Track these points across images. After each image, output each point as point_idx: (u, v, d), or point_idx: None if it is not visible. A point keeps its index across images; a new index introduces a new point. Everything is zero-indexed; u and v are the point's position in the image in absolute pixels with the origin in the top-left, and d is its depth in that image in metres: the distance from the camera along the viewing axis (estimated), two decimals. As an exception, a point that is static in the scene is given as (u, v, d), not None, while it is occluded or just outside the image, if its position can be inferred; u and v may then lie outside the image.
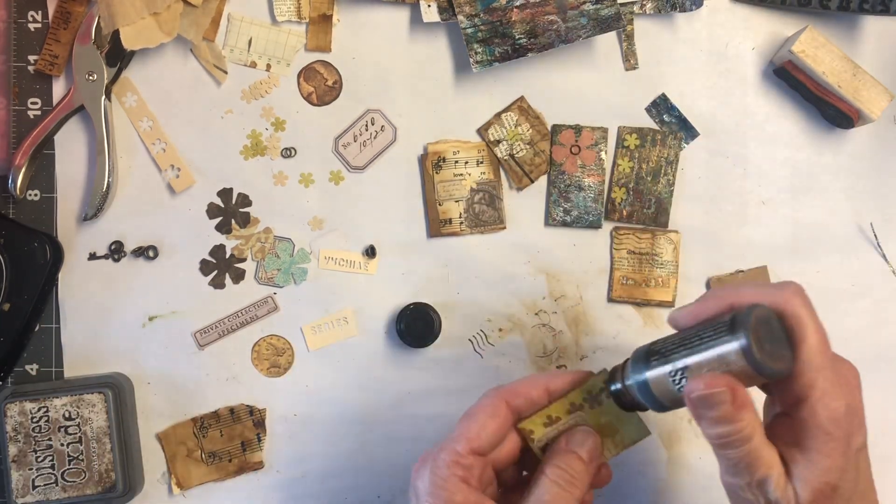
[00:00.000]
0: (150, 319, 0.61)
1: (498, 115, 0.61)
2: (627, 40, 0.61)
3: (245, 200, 0.61)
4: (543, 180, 0.62)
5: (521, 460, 0.47)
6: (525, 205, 0.62)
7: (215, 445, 0.61)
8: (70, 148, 0.60)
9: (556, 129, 0.61)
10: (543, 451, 0.46)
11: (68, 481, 0.57)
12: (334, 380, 0.61)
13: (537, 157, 0.61)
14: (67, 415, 0.57)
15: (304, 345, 0.61)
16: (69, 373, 0.60)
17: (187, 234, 0.61)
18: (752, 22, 0.61)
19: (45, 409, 0.57)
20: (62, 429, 0.57)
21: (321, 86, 0.61)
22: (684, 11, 0.60)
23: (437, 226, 0.61)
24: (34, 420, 0.57)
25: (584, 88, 0.61)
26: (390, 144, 0.61)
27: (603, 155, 0.61)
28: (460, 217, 0.61)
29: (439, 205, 0.61)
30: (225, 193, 0.61)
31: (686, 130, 0.61)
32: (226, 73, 0.60)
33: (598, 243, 0.62)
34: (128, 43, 0.57)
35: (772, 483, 0.39)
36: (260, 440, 0.61)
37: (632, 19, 0.61)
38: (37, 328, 0.60)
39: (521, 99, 0.61)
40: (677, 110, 0.61)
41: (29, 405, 0.57)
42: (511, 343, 0.62)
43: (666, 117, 0.61)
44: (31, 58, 0.59)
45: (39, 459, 0.57)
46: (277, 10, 0.60)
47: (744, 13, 0.61)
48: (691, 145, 0.62)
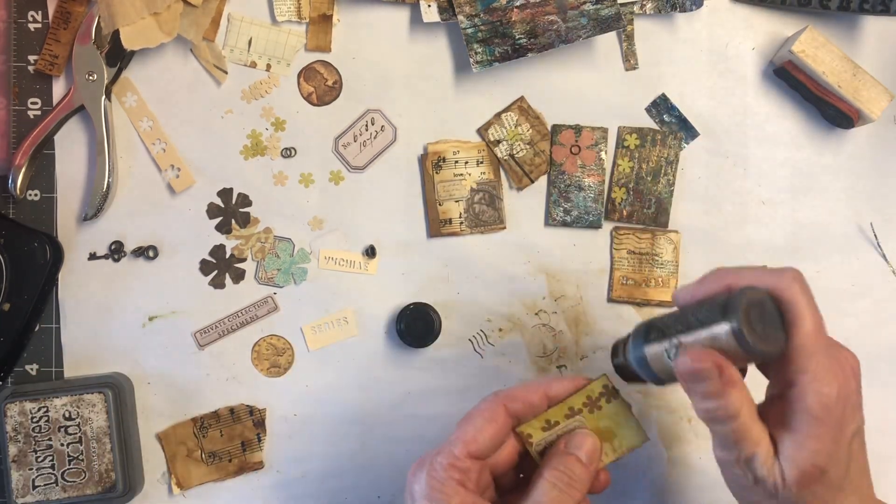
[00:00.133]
0: (150, 319, 0.61)
1: (498, 115, 0.61)
2: (627, 40, 0.61)
3: (245, 200, 0.61)
4: (543, 180, 0.62)
5: (519, 465, 0.47)
6: (525, 205, 0.62)
7: (215, 445, 0.61)
8: (70, 148, 0.60)
9: (556, 129, 0.61)
10: (541, 456, 0.46)
11: (68, 481, 0.57)
12: (334, 380, 0.61)
13: (537, 157, 0.61)
14: (67, 415, 0.57)
15: (304, 345, 0.61)
16: (69, 373, 0.60)
17: (187, 234, 0.61)
18: (752, 22, 0.61)
19: (45, 409, 0.57)
20: (62, 429, 0.57)
21: (321, 86, 0.61)
22: (684, 11, 0.60)
23: (437, 226, 0.61)
24: (34, 420, 0.57)
25: (584, 88, 0.61)
26: (390, 144, 0.61)
27: (603, 155, 0.61)
28: (460, 217, 0.61)
29: (439, 205, 0.61)
30: (225, 193, 0.61)
31: (686, 130, 0.61)
32: (226, 73, 0.60)
33: (598, 243, 0.62)
34: (128, 43, 0.57)
35: (759, 459, 0.40)
36: (260, 440, 0.61)
37: (632, 19, 0.61)
38: (37, 328, 0.60)
39: (521, 99, 0.61)
40: (677, 110, 0.61)
41: (29, 405, 0.57)
42: (511, 343, 0.62)
43: (666, 117, 0.61)
44: (31, 58, 0.59)
45: (39, 459, 0.57)
46: (277, 10, 0.60)
47: (744, 13, 0.61)
48: (691, 145, 0.62)
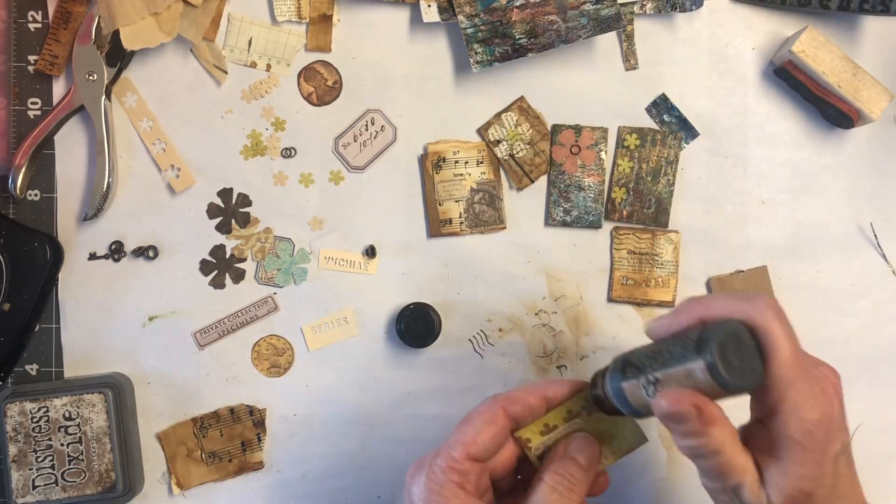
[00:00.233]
0: (150, 319, 0.61)
1: (498, 115, 0.61)
2: (627, 40, 0.61)
3: (245, 200, 0.61)
4: (543, 180, 0.62)
5: (518, 468, 0.47)
6: (525, 205, 0.62)
7: (215, 445, 0.61)
8: (70, 148, 0.60)
9: (556, 129, 0.61)
10: (540, 460, 0.46)
11: (68, 481, 0.57)
12: (334, 380, 0.61)
13: (537, 157, 0.61)
14: (67, 415, 0.57)
15: (304, 345, 0.61)
16: (69, 373, 0.60)
17: (187, 234, 0.61)
18: (752, 22, 0.61)
19: (45, 409, 0.57)
20: (62, 429, 0.57)
21: (321, 86, 0.61)
22: (684, 11, 0.60)
23: (437, 226, 0.61)
24: (34, 420, 0.57)
25: (584, 88, 0.61)
26: (390, 144, 0.61)
27: (603, 155, 0.61)
28: (460, 217, 0.61)
29: (439, 205, 0.61)
30: (225, 193, 0.61)
31: (686, 130, 0.61)
32: (226, 73, 0.60)
33: (598, 243, 0.62)
34: (128, 43, 0.57)
35: (745, 489, 0.40)
36: (260, 440, 0.61)
37: (632, 19, 0.61)
38: (37, 328, 0.60)
39: (521, 99, 0.61)
40: (677, 110, 0.61)
41: (29, 405, 0.57)
42: (511, 343, 0.62)
43: (666, 117, 0.61)
44: (31, 58, 0.59)
45: (39, 459, 0.57)
46: (277, 10, 0.60)
47: (744, 13, 0.61)
48: (691, 145, 0.62)
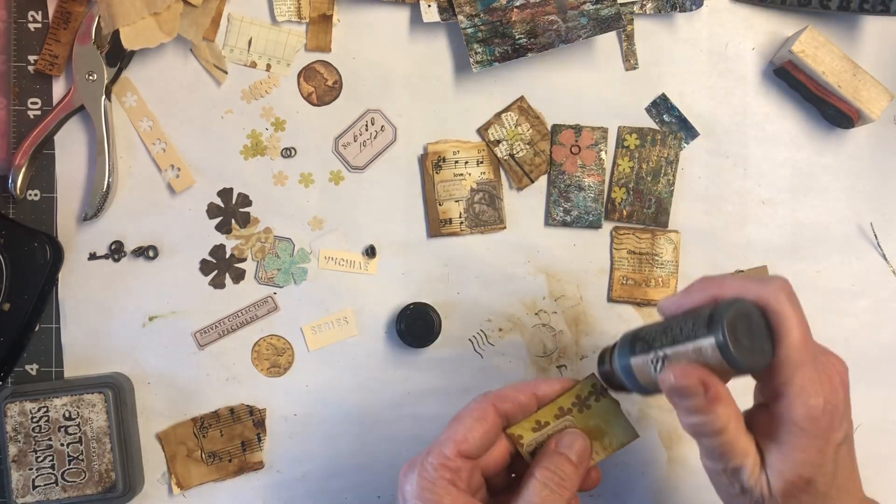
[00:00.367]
0: (150, 319, 0.61)
1: (498, 115, 0.61)
2: (627, 40, 0.61)
3: (245, 200, 0.61)
4: (543, 180, 0.62)
5: (511, 465, 0.47)
6: (525, 205, 0.62)
7: (215, 445, 0.61)
8: (70, 148, 0.60)
9: (556, 129, 0.61)
10: (533, 456, 0.46)
11: (68, 481, 0.57)
12: (334, 380, 0.61)
13: (537, 157, 0.61)
14: (67, 415, 0.57)
15: (304, 345, 0.61)
16: (69, 373, 0.60)
17: (187, 234, 0.61)
18: (752, 22, 0.61)
19: (45, 409, 0.57)
20: (62, 429, 0.57)
21: (321, 86, 0.61)
22: (684, 11, 0.60)
23: (437, 226, 0.61)
24: (34, 420, 0.57)
25: (584, 88, 0.61)
26: (390, 144, 0.61)
27: (603, 155, 0.61)
28: (460, 217, 0.61)
29: (439, 205, 0.61)
30: (225, 193, 0.61)
31: (686, 130, 0.61)
32: (226, 73, 0.60)
33: (598, 243, 0.62)
34: (128, 43, 0.57)
35: (746, 472, 0.40)
36: (260, 440, 0.61)
37: (632, 19, 0.61)
38: (37, 328, 0.60)
39: (521, 99, 0.61)
40: (677, 110, 0.61)
41: (29, 405, 0.57)
42: (511, 343, 0.62)
43: (666, 117, 0.61)
44: (31, 58, 0.59)
45: (39, 459, 0.57)
46: (277, 10, 0.60)
47: (744, 13, 0.61)
48: (691, 145, 0.62)
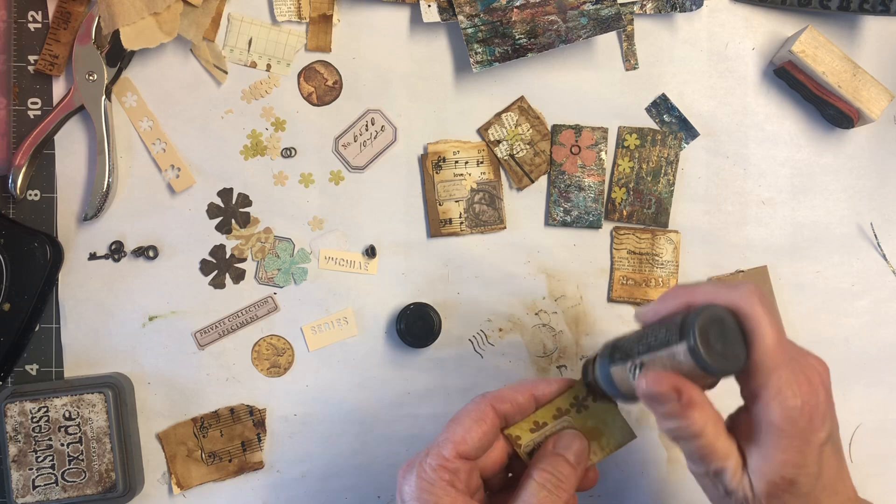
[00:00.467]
0: (150, 319, 0.61)
1: (498, 115, 0.61)
2: (627, 40, 0.61)
3: (245, 200, 0.61)
4: (543, 180, 0.62)
5: (509, 466, 0.47)
6: (525, 205, 0.62)
7: (215, 445, 0.61)
8: (70, 148, 0.60)
9: (556, 129, 0.61)
10: (531, 457, 0.46)
11: (68, 481, 0.57)
12: (334, 380, 0.61)
13: (537, 157, 0.61)
14: (67, 415, 0.57)
15: (304, 345, 0.61)
16: (69, 373, 0.60)
17: (187, 234, 0.61)
18: (752, 22, 0.62)
19: (45, 409, 0.57)
20: (62, 429, 0.57)
21: (321, 86, 0.61)
22: (684, 11, 0.60)
23: (437, 226, 0.61)
24: (34, 420, 0.57)
25: (584, 88, 0.61)
26: (390, 144, 0.61)
27: (603, 155, 0.61)
28: (460, 217, 0.61)
29: (439, 205, 0.61)
30: (225, 193, 0.61)
31: (686, 130, 0.61)
32: (226, 73, 0.60)
33: (598, 243, 0.62)
34: (128, 43, 0.57)
35: (728, 474, 0.41)
36: (260, 440, 0.61)
37: (632, 19, 0.61)
38: (37, 328, 0.60)
39: (521, 99, 0.61)
40: (677, 110, 0.61)
41: (29, 405, 0.57)
42: (511, 343, 0.62)
43: (666, 117, 0.61)
44: (31, 58, 0.59)
45: (39, 459, 0.57)
46: (277, 10, 0.60)
47: (744, 13, 0.62)
48: (691, 145, 0.62)
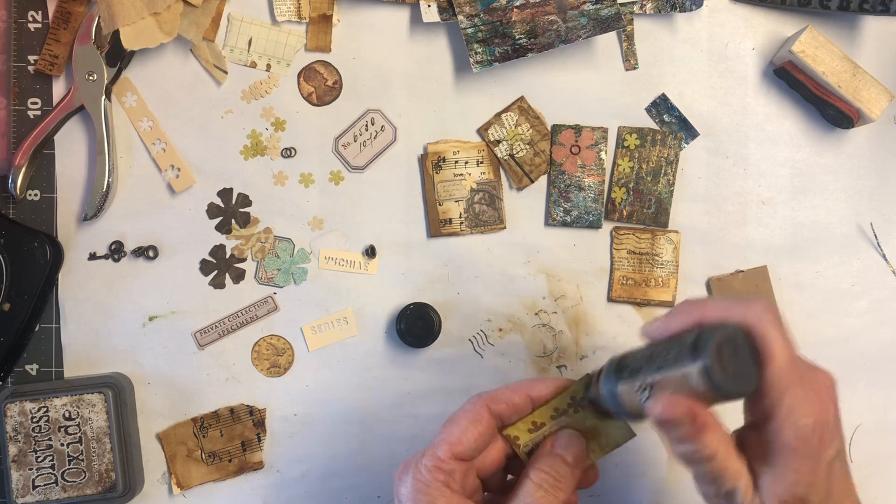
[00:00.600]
0: (150, 319, 0.61)
1: (498, 115, 0.61)
2: (627, 40, 0.61)
3: (245, 200, 0.61)
4: (543, 180, 0.62)
5: (507, 467, 0.47)
6: (525, 205, 0.62)
7: (215, 445, 0.61)
8: (70, 148, 0.60)
9: (556, 129, 0.61)
10: (529, 457, 0.46)
11: (68, 481, 0.57)
12: (334, 380, 0.61)
13: (537, 157, 0.61)
14: (67, 415, 0.57)
15: (304, 345, 0.61)
16: (69, 373, 0.60)
17: (187, 234, 0.61)
18: (752, 22, 0.62)
19: (45, 409, 0.57)
20: (62, 429, 0.57)
21: (321, 86, 0.61)
22: (684, 11, 0.60)
23: (437, 226, 0.61)
24: (34, 420, 0.57)
25: (584, 88, 0.61)
26: (390, 144, 0.61)
27: (603, 155, 0.61)
28: (460, 217, 0.61)
29: (439, 205, 0.61)
30: (225, 193, 0.61)
31: (686, 130, 0.61)
32: (226, 73, 0.60)
33: (598, 243, 0.62)
34: (128, 43, 0.57)
35: (739, 494, 0.39)
36: (260, 440, 0.61)
37: (632, 19, 0.61)
38: (37, 328, 0.60)
39: (521, 99, 0.61)
40: (677, 110, 0.61)
41: (29, 405, 0.57)
42: (511, 343, 0.62)
43: (666, 117, 0.61)
44: (31, 58, 0.59)
45: (39, 459, 0.57)
46: (277, 10, 0.60)
47: (744, 13, 0.61)
48: (691, 145, 0.62)
